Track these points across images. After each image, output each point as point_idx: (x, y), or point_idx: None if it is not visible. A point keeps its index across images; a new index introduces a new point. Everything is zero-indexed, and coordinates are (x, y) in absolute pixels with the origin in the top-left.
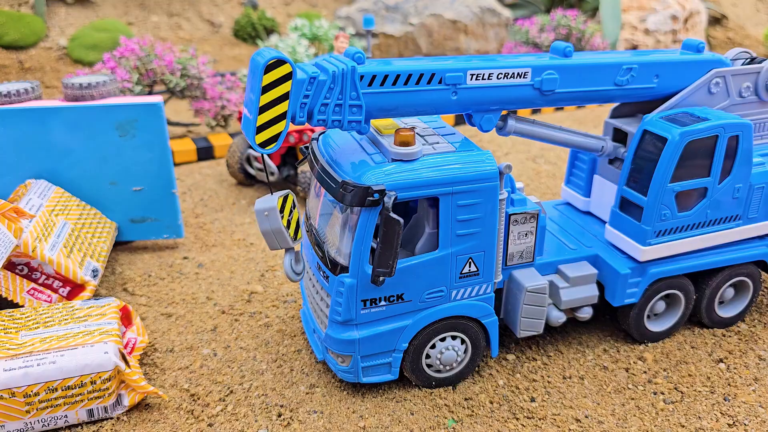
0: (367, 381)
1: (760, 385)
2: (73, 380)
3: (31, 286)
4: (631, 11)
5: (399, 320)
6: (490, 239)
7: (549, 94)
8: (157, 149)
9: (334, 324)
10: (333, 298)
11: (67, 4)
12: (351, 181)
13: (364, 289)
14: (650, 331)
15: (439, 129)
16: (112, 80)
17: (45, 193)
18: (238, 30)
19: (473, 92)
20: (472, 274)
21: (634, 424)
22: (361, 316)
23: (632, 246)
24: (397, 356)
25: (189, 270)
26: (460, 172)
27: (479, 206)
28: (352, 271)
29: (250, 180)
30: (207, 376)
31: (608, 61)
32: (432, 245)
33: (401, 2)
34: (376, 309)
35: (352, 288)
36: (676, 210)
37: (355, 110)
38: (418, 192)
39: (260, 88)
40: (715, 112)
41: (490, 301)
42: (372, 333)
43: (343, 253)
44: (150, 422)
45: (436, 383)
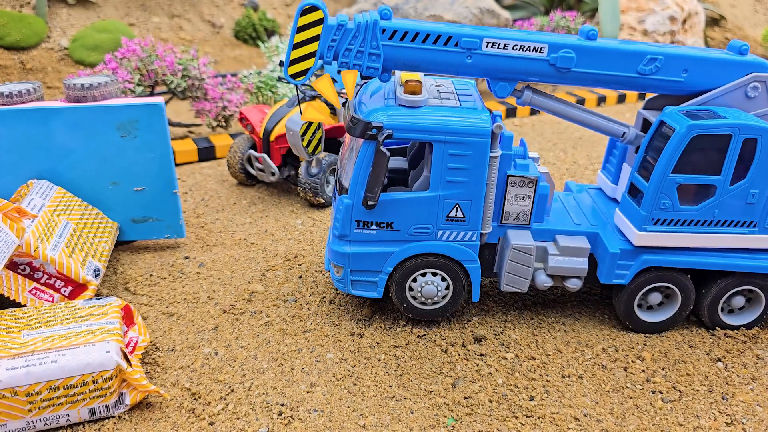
0: (355, 294)
1: (758, 384)
2: (75, 379)
3: (33, 285)
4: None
5: (386, 246)
6: (477, 190)
7: (564, 71)
8: (159, 150)
9: (334, 238)
10: (334, 215)
11: (69, 5)
12: (358, 116)
13: (359, 211)
14: (642, 321)
15: (463, 93)
16: (113, 81)
17: (47, 193)
18: (239, 31)
19: (488, 59)
20: (458, 219)
21: (633, 423)
22: (354, 234)
23: (629, 229)
24: (382, 278)
25: (190, 270)
26: (454, 123)
27: (469, 158)
28: (350, 194)
29: (251, 180)
30: (208, 375)
31: (630, 49)
32: (426, 186)
33: (401, 3)
34: (367, 231)
35: (348, 208)
36: (677, 202)
37: (374, 58)
38: (413, 135)
39: (295, 27)
40: (736, 113)
41: (474, 248)
42: (361, 251)
43: (348, 178)
44: (151, 421)
45: (419, 314)
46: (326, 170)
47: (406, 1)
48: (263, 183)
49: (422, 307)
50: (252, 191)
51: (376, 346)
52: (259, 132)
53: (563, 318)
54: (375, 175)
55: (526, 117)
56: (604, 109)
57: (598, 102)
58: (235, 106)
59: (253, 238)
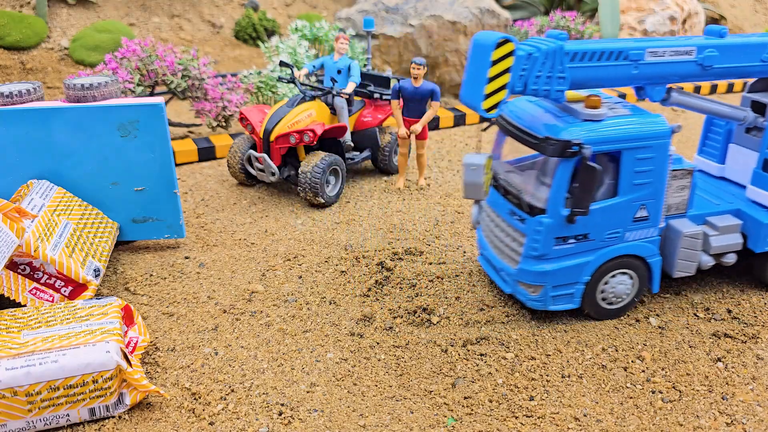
0: (553, 308)
1: (758, 384)
2: (75, 379)
3: (33, 285)
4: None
5: (583, 256)
6: (660, 189)
7: (708, 68)
8: (159, 150)
9: (528, 259)
10: (530, 236)
11: (69, 6)
12: (552, 137)
13: (558, 228)
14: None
15: (611, 99)
16: (113, 81)
17: (47, 193)
18: (239, 31)
19: (650, 67)
20: (643, 219)
21: (633, 423)
22: (553, 251)
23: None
24: (579, 287)
25: (190, 269)
26: (640, 130)
27: (653, 160)
28: (549, 213)
29: (251, 180)
30: (208, 375)
31: (756, 41)
32: (609, 193)
33: (401, 4)
34: (564, 246)
35: (549, 227)
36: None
37: (561, 81)
38: (606, 146)
39: (490, 62)
40: None
41: (656, 244)
42: (560, 266)
43: (541, 199)
44: (151, 421)
45: (605, 315)
46: (326, 170)
47: (406, 2)
48: (263, 183)
49: (610, 307)
50: (252, 191)
51: (376, 346)
52: (259, 132)
53: (563, 318)
54: (586, 190)
55: None
56: None
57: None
58: (236, 106)
59: (253, 238)
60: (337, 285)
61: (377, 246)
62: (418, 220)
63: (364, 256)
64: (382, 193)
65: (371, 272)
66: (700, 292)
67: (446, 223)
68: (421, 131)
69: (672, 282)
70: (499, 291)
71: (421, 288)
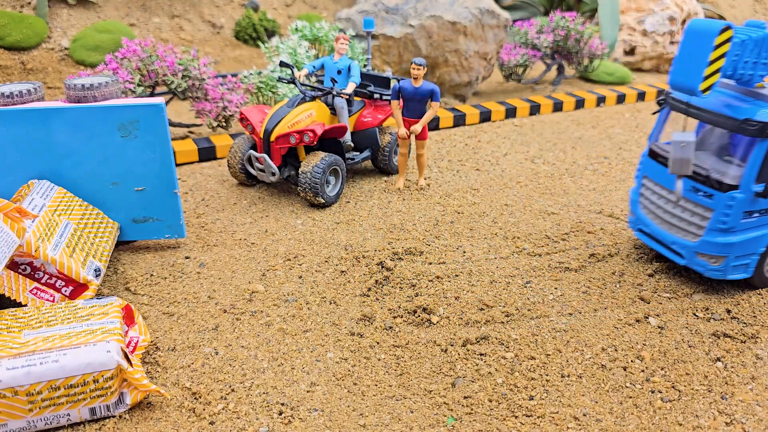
0: (730, 278)
1: (758, 383)
2: (76, 379)
3: (34, 285)
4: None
5: (761, 229)
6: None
7: None
8: (159, 150)
9: (713, 232)
10: (719, 211)
11: (69, 6)
12: (751, 119)
13: (748, 203)
14: None
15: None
16: (114, 81)
17: (47, 193)
18: (239, 31)
19: None
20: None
21: (632, 423)
22: (740, 225)
23: None
24: (754, 258)
25: (191, 269)
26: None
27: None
28: (742, 188)
29: (251, 180)
30: (208, 375)
31: None
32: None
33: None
34: (750, 220)
35: (741, 202)
36: None
37: (763, 67)
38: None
39: (713, 46)
40: None
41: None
42: (744, 239)
43: (730, 176)
44: (152, 420)
45: (766, 284)
46: (326, 170)
47: (406, 2)
48: (263, 183)
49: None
50: (252, 191)
51: (376, 346)
52: (260, 132)
53: (563, 317)
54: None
55: (526, 117)
56: (604, 110)
57: (597, 102)
58: (236, 107)
59: (254, 238)
60: (337, 285)
61: (377, 246)
62: (418, 220)
63: (364, 256)
64: (382, 193)
65: (371, 272)
66: (700, 291)
67: (446, 223)
68: (421, 131)
69: (672, 282)
70: (498, 291)
71: (421, 288)
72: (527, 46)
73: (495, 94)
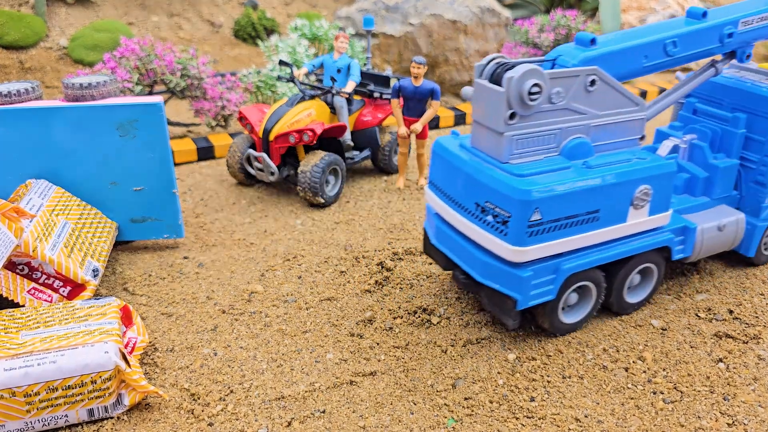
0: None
1: (760, 384)
2: (74, 380)
3: (32, 285)
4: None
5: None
6: None
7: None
8: (158, 149)
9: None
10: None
11: (68, 5)
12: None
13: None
14: None
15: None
16: (112, 80)
17: (45, 193)
18: (238, 30)
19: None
20: None
21: (634, 424)
22: None
23: None
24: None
25: (189, 270)
26: None
27: None
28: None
29: (250, 180)
30: (207, 376)
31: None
32: None
33: (401, 3)
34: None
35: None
36: None
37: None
38: None
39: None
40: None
41: None
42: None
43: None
44: (150, 422)
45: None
46: (326, 170)
47: (406, 1)
48: (262, 183)
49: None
50: (251, 191)
51: (376, 347)
52: (259, 131)
53: None
54: None
55: None
56: None
57: None
58: (235, 106)
59: (253, 238)
60: (336, 285)
61: (377, 246)
62: (418, 220)
63: (364, 256)
64: (382, 193)
65: (371, 272)
66: (702, 292)
67: None
68: (422, 130)
69: (674, 282)
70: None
71: (421, 288)
72: (528, 45)
73: None
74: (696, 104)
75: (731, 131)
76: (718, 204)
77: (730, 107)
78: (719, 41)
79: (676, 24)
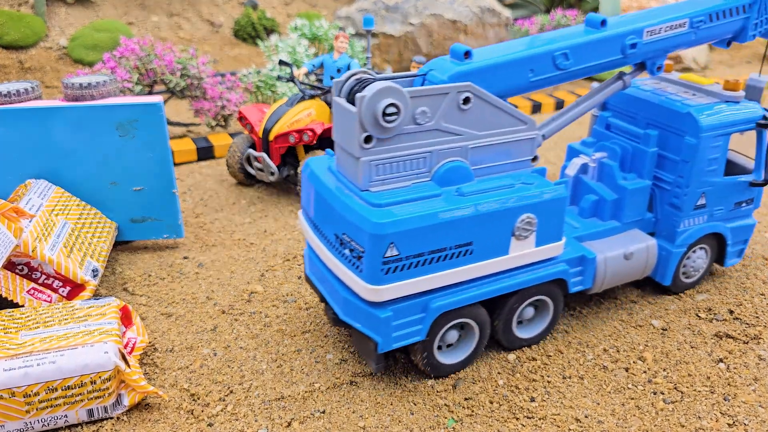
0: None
1: (760, 384)
2: (73, 380)
3: (31, 285)
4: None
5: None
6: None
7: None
8: (158, 149)
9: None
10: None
11: (68, 4)
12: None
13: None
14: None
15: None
16: (112, 80)
17: (45, 192)
18: (238, 30)
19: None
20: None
21: (634, 424)
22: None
23: None
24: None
25: (189, 270)
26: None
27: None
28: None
29: (250, 180)
30: (207, 376)
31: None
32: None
33: (401, 2)
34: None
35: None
36: None
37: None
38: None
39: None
40: None
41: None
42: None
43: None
44: (150, 422)
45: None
46: None
47: (406, 0)
48: (262, 183)
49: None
50: (251, 191)
51: None
52: (259, 131)
53: (564, 318)
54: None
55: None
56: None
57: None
58: (235, 106)
59: (253, 238)
60: None
61: None
62: None
63: None
64: None
65: None
66: (702, 292)
67: None
68: None
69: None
70: None
71: None
72: None
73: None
74: (609, 119)
75: (642, 149)
76: (630, 228)
77: (645, 122)
78: (621, 52)
79: (571, 34)
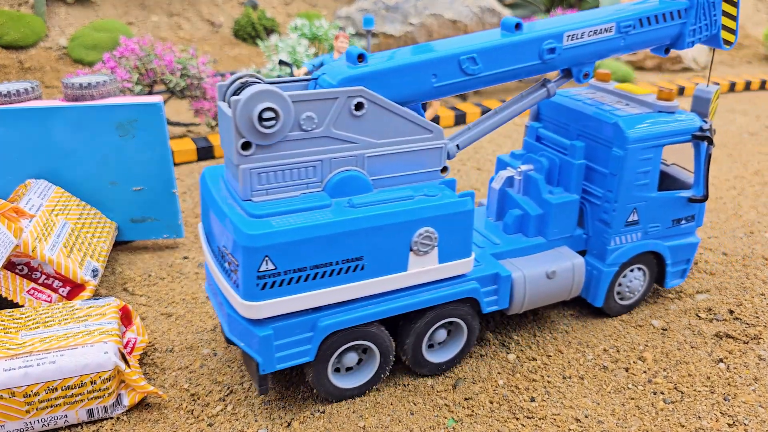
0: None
1: (760, 384)
2: (73, 380)
3: (31, 285)
4: None
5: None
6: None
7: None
8: (157, 149)
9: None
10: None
11: (67, 4)
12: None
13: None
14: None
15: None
16: (112, 80)
17: (45, 192)
18: (238, 30)
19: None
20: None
21: (634, 424)
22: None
23: None
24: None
25: (189, 270)
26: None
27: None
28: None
29: None
30: (207, 376)
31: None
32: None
33: (401, 2)
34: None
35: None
36: None
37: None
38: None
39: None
40: None
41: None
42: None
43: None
44: (150, 422)
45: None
46: None
47: (407, 0)
48: None
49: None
50: None
51: None
52: None
53: (564, 319)
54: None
55: (527, 116)
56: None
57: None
58: None
59: None
60: None
61: None
62: None
63: None
64: None
65: None
66: (702, 292)
67: None
68: None
69: None
70: None
71: None
72: None
73: (496, 92)
74: (539, 130)
75: (570, 161)
76: (558, 245)
77: (576, 134)
78: (539, 58)
79: (482, 37)
